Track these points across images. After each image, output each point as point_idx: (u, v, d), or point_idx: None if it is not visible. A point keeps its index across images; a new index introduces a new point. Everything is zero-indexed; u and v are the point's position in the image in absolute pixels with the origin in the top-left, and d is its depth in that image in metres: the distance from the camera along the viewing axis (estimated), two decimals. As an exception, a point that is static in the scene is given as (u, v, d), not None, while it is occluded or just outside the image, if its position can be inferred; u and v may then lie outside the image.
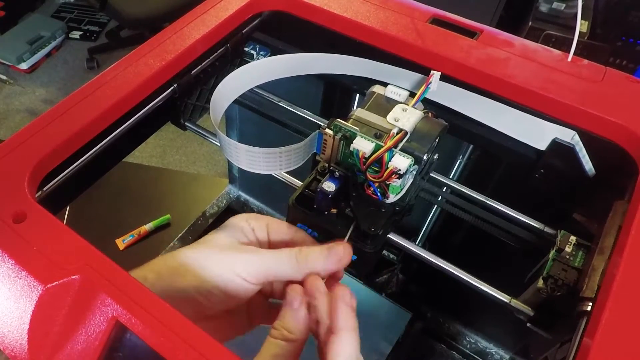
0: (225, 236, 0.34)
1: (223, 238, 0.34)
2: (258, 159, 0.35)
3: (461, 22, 0.48)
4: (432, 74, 0.40)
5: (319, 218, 0.36)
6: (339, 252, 0.33)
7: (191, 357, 0.26)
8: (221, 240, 0.34)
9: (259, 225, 0.36)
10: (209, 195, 0.92)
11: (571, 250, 0.37)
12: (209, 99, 0.40)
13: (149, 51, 0.44)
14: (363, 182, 0.37)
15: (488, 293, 0.38)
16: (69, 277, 0.29)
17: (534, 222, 0.42)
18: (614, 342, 0.28)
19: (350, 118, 0.37)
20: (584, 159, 0.41)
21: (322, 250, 0.33)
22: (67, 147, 0.37)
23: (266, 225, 0.36)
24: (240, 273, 0.32)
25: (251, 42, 0.53)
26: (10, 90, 2.05)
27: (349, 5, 0.49)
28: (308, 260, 0.32)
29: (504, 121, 0.42)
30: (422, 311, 0.75)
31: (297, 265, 0.32)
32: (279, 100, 0.54)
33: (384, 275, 0.76)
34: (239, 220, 0.36)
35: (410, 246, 0.39)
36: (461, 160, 0.60)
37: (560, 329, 0.35)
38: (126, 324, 0.27)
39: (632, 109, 0.40)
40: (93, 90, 0.40)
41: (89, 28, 2.32)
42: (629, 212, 0.35)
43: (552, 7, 1.39)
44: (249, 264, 0.32)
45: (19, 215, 0.32)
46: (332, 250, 0.33)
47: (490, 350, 0.73)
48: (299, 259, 0.32)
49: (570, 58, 0.45)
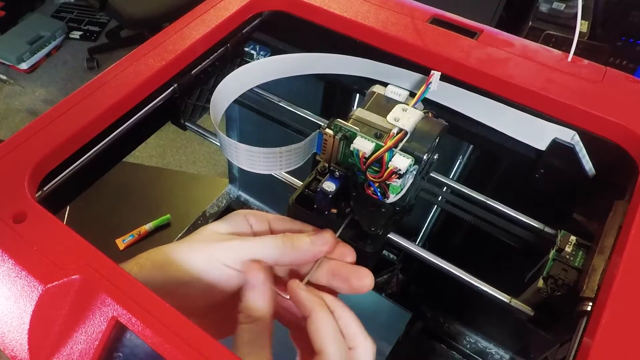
0: (219, 227, 0.34)
1: (215, 228, 0.34)
2: (258, 159, 0.35)
3: (461, 22, 0.48)
4: (432, 74, 0.40)
5: (319, 218, 0.36)
6: (326, 236, 0.33)
7: (191, 357, 0.26)
8: (213, 230, 0.34)
9: (258, 221, 0.36)
10: (209, 195, 0.92)
11: (571, 250, 0.37)
12: (209, 99, 0.40)
13: (149, 51, 0.44)
14: (363, 182, 0.37)
15: (488, 293, 0.38)
16: (69, 277, 0.29)
17: (534, 222, 0.42)
18: (614, 342, 0.28)
19: (350, 118, 0.37)
20: (584, 159, 0.41)
21: (308, 234, 0.33)
22: (67, 147, 0.37)
23: (267, 220, 0.36)
24: (223, 260, 0.31)
25: (251, 42, 0.53)
26: (10, 90, 2.05)
27: (349, 5, 0.49)
28: (294, 244, 0.32)
29: (504, 121, 0.42)
30: (422, 311, 0.75)
31: (283, 248, 0.32)
32: (279, 100, 0.54)
33: (384, 275, 0.76)
34: (236, 214, 0.36)
35: (410, 246, 0.39)
36: (461, 160, 0.60)
37: (560, 329, 0.35)
38: (126, 324, 0.27)
39: (632, 109, 0.40)
40: (93, 90, 0.40)
41: (89, 28, 2.32)
42: (629, 212, 0.35)
43: (552, 7, 1.39)
44: (231, 250, 0.32)
45: (19, 215, 0.32)
46: (319, 235, 0.33)
47: (490, 350, 0.73)
48: (284, 242, 0.32)
49: (570, 58, 0.45)
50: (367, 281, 0.32)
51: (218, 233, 0.34)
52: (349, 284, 0.33)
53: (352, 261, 0.34)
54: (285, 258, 0.32)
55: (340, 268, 0.33)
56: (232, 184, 0.91)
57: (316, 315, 0.30)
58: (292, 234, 0.33)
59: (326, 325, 0.30)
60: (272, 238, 0.33)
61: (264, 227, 0.36)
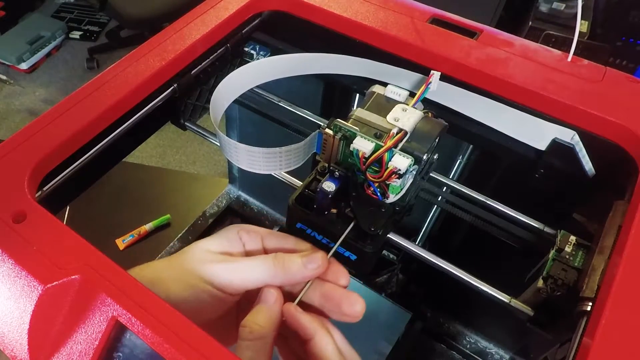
0: (210, 244, 0.34)
1: (207, 246, 0.34)
2: (258, 159, 0.35)
3: (461, 22, 0.48)
4: (432, 74, 0.40)
5: (319, 218, 0.36)
6: (317, 260, 0.32)
7: (191, 357, 0.26)
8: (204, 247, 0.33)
9: (250, 237, 0.35)
10: (209, 195, 0.92)
11: (571, 250, 0.37)
12: (209, 99, 0.40)
13: (149, 51, 0.44)
14: (363, 182, 0.37)
15: (488, 293, 0.38)
16: (69, 277, 0.29)
17: (534, 222, 0.42)
18: (614, 342, 0.28)
19: (350, 118, 0.37)
20: (584, 159, 0.41)
21: (300, 256, 0.32)
22: (67, 147, 0.37)
23: (260, 237, 0.35)
24: (213, 283, 0.31)
25: (251, 42, 0.53)
26: (10, 90, 2.05)
27: (349, 5, 0.49)
28: (285, 266, 0.32)
29: (504, 121, 0.42)
30: (422, 311, 0.74)
31: (274, 270, 0.31)
32: (279, 100, 0.54)
33: (384, 275, 0.76)
34: (229, 230, 0.35)
35: (410, 246, 0.39)
36: (461, 160, 0.60)
37: (560, 329, 0.35)
38: (126, 324, 0.27)
39: (632, 109, 0.40)
40: (93, 90, 0.40)
41: (89, 28, 2.32)
42: (629, 212, 0.35)
43: (552, 7, 1.39)
44: (220, 272, 0.31)
45: (19, 215, 0.32)
46: (311, 257, 0.32)
47: (490, 350, 0.73)
48: (275, 264, 0.32)
49: (570, 58, 0.45)
50: (358, 308, 0.32)
51: (209, 252, 0.33)
52: (340, 309, 0.32)
53: (345, 284, 0.33)
54: (276, 280, 0.32)
55: (332, 292, 0.33)
56: (232, 184, 0.91)
57: (320, 338, 0.31)
58: (283, 255, 0.32)
59: (329, 346, 0.31)
60: (263, 260, 0.32)
61: (257, 244, 0.35)
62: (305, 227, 0.37)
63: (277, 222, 0.86)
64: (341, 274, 0.33)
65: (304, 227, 0.37)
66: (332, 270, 0.33)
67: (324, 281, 0.33)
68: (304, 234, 0.38)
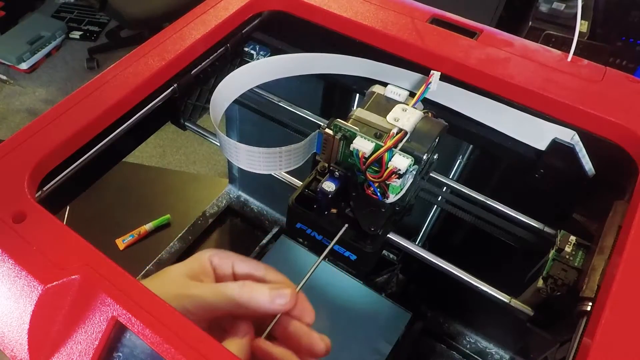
0: (181, 269, 0.33)
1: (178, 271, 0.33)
2: (258, 159, 0.35)
3: (461, 22, 0.48)
4: (432, 74, 0.40)
5: (319, 218, 0.36)
6: (286, 296, 0.31)
7: (191, 357, 0.26)
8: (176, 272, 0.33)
9: (221, 263, 0.34)
10: (209, 195, 0.92)
11: (571, 250, 0.37)
12: (209, 99, 0.40)
13: (149, 51, 0.44)
14: (363, 182, 0.37)
15: (488, 293, 0.38)
16: (69, 277, 0.29)
17: (534, 222, 0.42)
18: (614, 342, 0.28)
19: (350, 118, 0.37)
20: (584, 159, 0.41)
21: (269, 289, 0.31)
22: (67, 147, 0.37)
23: (231, 263, 0.34)
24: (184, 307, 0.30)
25: (251, 42, 0.53)
26: (10, 90, 2.05)
27: (349, 5, 0.49)
28: (252, 298, 0.31)
29: (504, 121, 0.42)
30: (422, 311, 0.74)
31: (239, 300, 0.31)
32: (279, 100, 0.54)
33: (384, 275, 0.76)
34: (200, 255, 0.35)
35: (410, 246, 0.39)
36: (461, 160, 0.60)
37: (560, 329, 0.35)
38: (126, 323, 0.27)
39: (632, 109, 0.40)
40: (93, 90, 0.40)
41: (89, 28, 2.32)
42: (629, 212, 0.35)
43: (552, 7, 1.39)
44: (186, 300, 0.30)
45: (19, 215, 0.32)
46: (280, 292, 0.31)
47: (490, 350, 0.73)
48: (241, 295, 0.31)
49: (570, 58, 0.45)
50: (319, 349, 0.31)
51: (180, 276, 0.33)
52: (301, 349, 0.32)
53: (309, 322, 0.32)
54: (240, 311, 0.31)
55: (296, 330, 0.32)
56: (232, 184, 0.91)
57: None
58: (251, 285, 0.31)
59: None
60: (230, 289, 0.31)
61: (227, 270, 0.34)
62: (305, 227, 0.37)
63: (277, 222, 0.85)
64: (306, 312, 0.32)
65: (304, 227, 0.37)
66: (298, 308, 0.32)
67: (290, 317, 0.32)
68: (304, 233, 0.38)
